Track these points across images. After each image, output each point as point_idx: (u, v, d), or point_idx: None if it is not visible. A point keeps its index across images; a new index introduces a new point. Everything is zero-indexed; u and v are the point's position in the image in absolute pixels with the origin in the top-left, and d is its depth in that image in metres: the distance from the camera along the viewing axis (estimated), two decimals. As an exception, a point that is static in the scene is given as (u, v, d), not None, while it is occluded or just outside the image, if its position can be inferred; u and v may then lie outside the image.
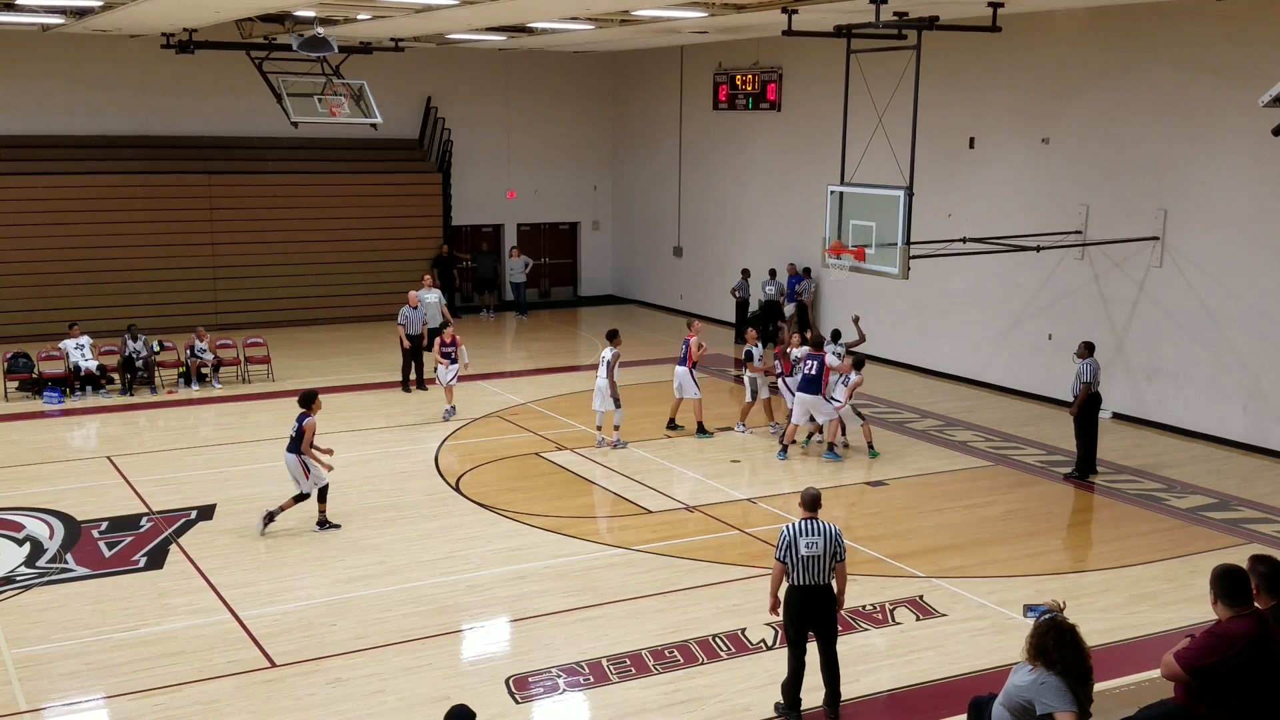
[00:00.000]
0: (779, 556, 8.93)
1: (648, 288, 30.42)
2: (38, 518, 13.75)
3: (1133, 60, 18.07)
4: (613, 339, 16.79)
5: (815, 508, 9.07)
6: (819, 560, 8.80)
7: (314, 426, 13.24)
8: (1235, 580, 6.46)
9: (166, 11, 18.23)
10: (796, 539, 8.81)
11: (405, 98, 27.57)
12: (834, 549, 8.85)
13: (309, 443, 13.19)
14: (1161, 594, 11.91)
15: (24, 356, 20.07)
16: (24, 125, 25.01)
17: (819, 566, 8.82)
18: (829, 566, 8.86)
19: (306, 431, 13.13)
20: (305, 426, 13.14)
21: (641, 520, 13.80)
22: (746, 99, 25.66)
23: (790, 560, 8.84)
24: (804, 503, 9.12)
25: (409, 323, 20.20)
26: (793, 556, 8.82)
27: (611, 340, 16.76)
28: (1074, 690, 6.15)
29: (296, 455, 13.20)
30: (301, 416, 13.19)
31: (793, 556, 8.82)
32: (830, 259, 16.87)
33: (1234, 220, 16.96)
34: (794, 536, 8.83)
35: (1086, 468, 15.61)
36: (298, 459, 13.21)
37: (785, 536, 8.88)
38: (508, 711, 9.24)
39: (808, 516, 8.98)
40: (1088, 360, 15.31)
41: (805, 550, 8.78)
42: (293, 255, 26.76)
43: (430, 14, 18.09)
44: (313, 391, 13.51)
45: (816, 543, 8.79)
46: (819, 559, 8.80)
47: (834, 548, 8.85)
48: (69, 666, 10.00)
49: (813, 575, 8.82)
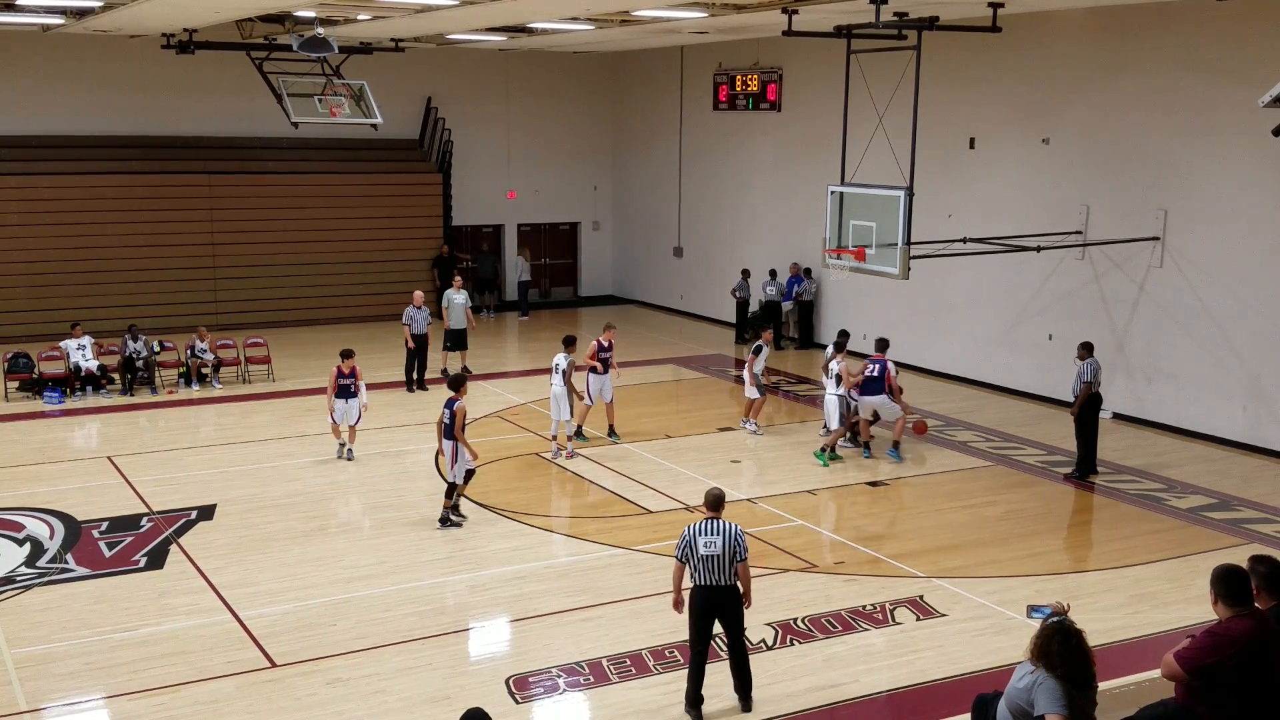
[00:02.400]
0: (678, 556, 9.05)
1: (648, 288, 30.42)
2: (38, 518, 13.75)
3: (1133, 60, 18.08)
4: (569, 346, 16.60)
5: (718, 508, 9.12)
6: (719, 560, 8.84)
7: (465, 410, 13.13)
8: (1235, 580, 6.46)
9: (166, 12, 18.23)
10: (695, 538, 8.89)
11: (405, 98, 27.57)
12: (733, 549, 8.87)
13: (461, 426, 13.03)
14: (1161, 594, 11.91)
15: (24, 356, 20.08)
16: (24, 125, 25.01)
17: (719, 566, 8.85)
18: (730, 566, 8.89)
19: (458, 415, 13.02)
20: (456, 411, 13.01)
21: (641, 520, 13.80)
22: (746, 99, 25.66)
23: (690, 559, 8.92)
24: (707, 503, 9.22)
25: (413, 322, 20.21)
26: (692, 556, 8.90)
27: (568, 347, 16.57)
28: (1071, 695, 6.14)
29: (454, 442, 13.10)
30: (451, 401, 13.09)
31: (692, 556, 8.90)
32: (831, 259, 16.88)
33: (1234, 220, 16.96)
34: (693, 536, 8.91)
35: (1087, 468, 15.61)
36: (454, 445, 13.11)
37: (685, 536, 8.99)
38: (508, 711, 9.24)
39: (710, 516, 9.04)
40: (1088, 360, 15.32)
41: (704, 550, 8.84)
42: (293, 255, 26.77)
43: (430, 14, 18.09)
44: (462, 375, 13.40)
45: (715, 542, 8.83)
46: (719, 558, 8.84)
47: (734, 548, 8.87)
48: (69, 666, 10.00)
49: (714, 575, 8.88)
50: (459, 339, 21.46)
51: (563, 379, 16.26)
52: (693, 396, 20.68)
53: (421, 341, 20.32)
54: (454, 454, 13.22)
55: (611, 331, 17.40)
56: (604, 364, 16.96)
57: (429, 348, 20.60)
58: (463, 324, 21.46)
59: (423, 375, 20.52)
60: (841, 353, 16.65)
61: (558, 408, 16.41)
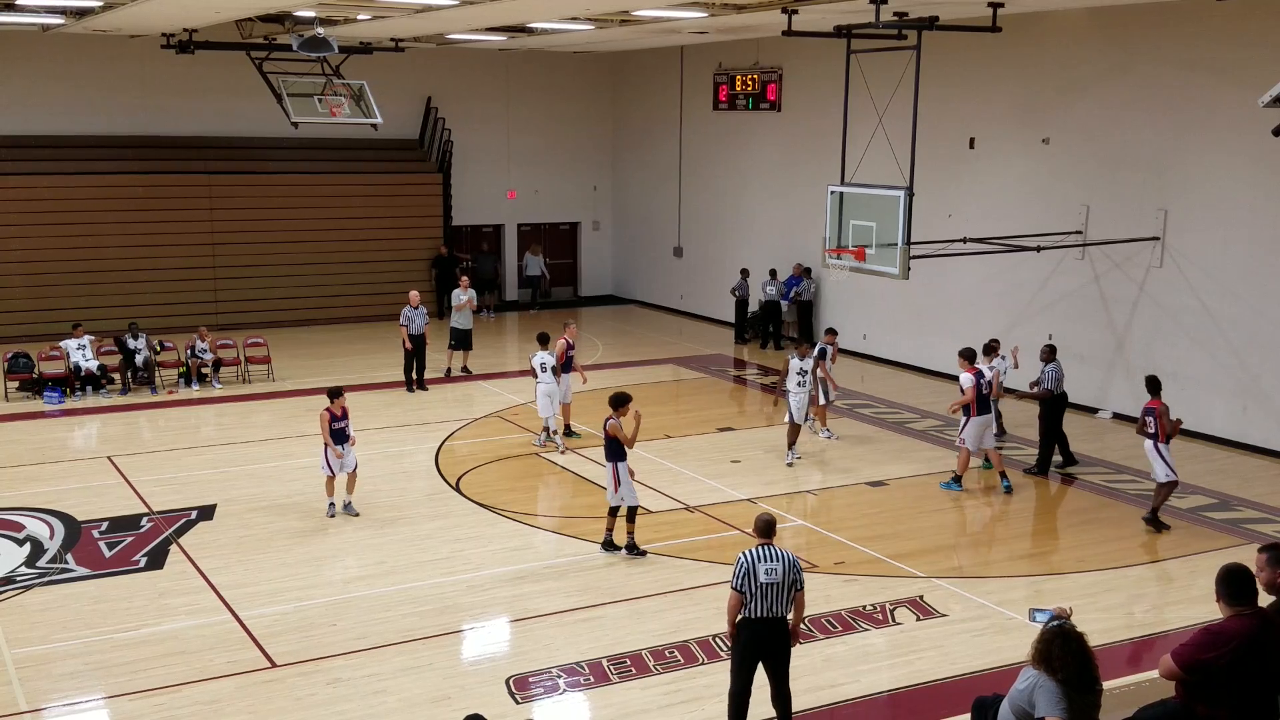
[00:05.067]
0: (735, 585, 8.29)
1: (648, 288, 30.42)
2: (38, 518, 13.75)
3: (1133, 60, 18.07)
4: (545, 343, 16.87)
5: (770, 533, 8.49)
6: (778, 588, 8.26)
7: (619, 428, 12.22)
8: (1237, 580, 6.46)
9: (166, 11, 18.23)
10: (755, 565, 8.24)
11: (405, 98, 27.57)
12: (794, 577, 8.33)
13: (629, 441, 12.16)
14: (1161, 594, 11.92)
15: (24, 356, 20.08)
16: (25, 125, 25.02)
17: (777, 595, 8.27)
18: (788, 595, 8.33)
19: (611, 433, 12.21)
20: (609, 430, 12.20)
21: (641, 520, 13.78)
22: (746, 99, 25.66)
23: (748, 588, 8.27)
24: (758, 529, 8.54)
25: (410, 322, 20.22)
26: (750, 584, 8.26)
27: (545, 344, 16.84)
28: (1072, 698, 6.14)
29: (610, 463, 12.33)
30: (607, 420, 12.27)
31: (750, 584, 8.26)
32: (831, 259, 16.88)
33: (1234, 220, 16.96)
34: (752, 563, 8.25)
35: (1045, 464, 15.81)
36: (613, 468, 12.32)
37: (743, 563, 8.28)
38: (508, 711, 9.24)
39: (763, 542, 8.41)
40: (1052, 364, 15.49)
41: (765, 577, 8.21)
42: (293, 255, 26.77)
43: (430, 14, 18.09)
44: (625, 393, 12.53)
45: (776, 569, 8.24)
46: (778, 586, 8.25)
47: (794, 575, 8.33)
48: (69, 666, 10.00)
49: (770, 605, 8.28)
50: (463, 338, 21.51)
51: (553, 374, 16.50)
52: (693, 396, 20.68)
53: (419, 342, 20.33)
54: (614, 478, 12.39)
55: (573, 328, 17.56)
56: (567, 364, 17.07)
57: (427, 348, 20.61)
58: (467, 324, 21.50)
59: (422, 375, 20.55)
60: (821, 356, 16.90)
61: (549, 404, 16.60)
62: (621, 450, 12.34)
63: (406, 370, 20.52)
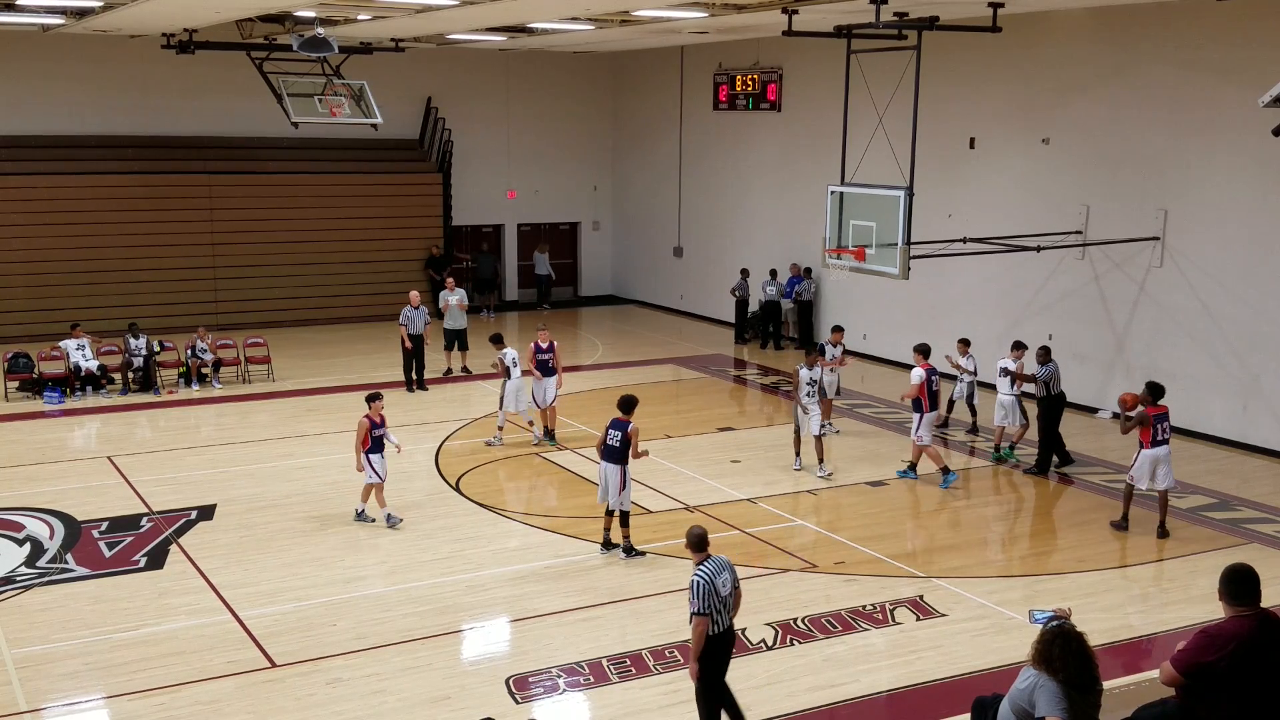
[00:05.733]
0: (701, 610, 7.99)
1: (648, 288, 30.42)
2: (38, 518, 13.75)
3: (1133, 60, 18.07)
4: (500, 343, 17.13)
5: (706, 546, 8.33)
6: (730, 596, 8.19)
7: (638, 433, 12.33)
8: (1239, 580, 6.45)
9: (166, 11, 18.23)
10: (714, 580, 8.04)
11: (405, 98, 27.56)
12: (736, 578, 8.29)
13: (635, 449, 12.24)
14: (1161, 594, 11.92)
15: (24, 356, 20.07)
16: (24, 125, 25.01)
17: (729, 603, 8.20)
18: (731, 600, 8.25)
19: (632, 437, 12.21)
20: (631, 433, 12.20)
21: (641, 520, 13.78)
22: (746, 99, 25.66)
23: (714, 607, 8.05)
24: (693, 544, 8.34)
25: (410, 322, 20.22)
26: (715, 602, 8.04)
27: (500, 344, 17.07)
28: (1072, 698, 6.14)
29: (619, 466, 12.27)
30: (623, 423, 12.26)
31: (715, 602, 8.04)
32: (831, 259, 16.87)
33: (1234, 220, 16.96)
34: (711, 579, 8.03)
35: (1045, 464, 15.82)
36: (619, 470, 12.28)
37: (702, 585, 8.01)
38: (508, 711, 9.23)
39: (704, 557, 8.25)
40: (1047, 365, 15.48)
41: (723, 590, 8.08)
42: (293, 255, 26.77)
43: (430, 14, 18.09)
44: (634, 396, 12.65)
45: (728, 579, 8.17)
46: (730, 595, 8.19)
47: (735, 578, 8.29)
48: (69, 666, 10.00)
49: (727, 615, 8.18)
50: (455, 339, 21.52)
51: (521, 372, 16.75)
52: (693, 396, 20.68)
53: (418, 342, 20.34)
54: (622, 479, 12.35)
55: (545, 333, 17.24)
56: (543, 367, 16.89)
57: (427, 348, 20.61)
58: (459, 324, 21.50)
59: (422, 375, 20.56)
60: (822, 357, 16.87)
61: (514, 400, 16.81)
62: (627, 454, 12.39)
63: (406, 370, 20.53)
